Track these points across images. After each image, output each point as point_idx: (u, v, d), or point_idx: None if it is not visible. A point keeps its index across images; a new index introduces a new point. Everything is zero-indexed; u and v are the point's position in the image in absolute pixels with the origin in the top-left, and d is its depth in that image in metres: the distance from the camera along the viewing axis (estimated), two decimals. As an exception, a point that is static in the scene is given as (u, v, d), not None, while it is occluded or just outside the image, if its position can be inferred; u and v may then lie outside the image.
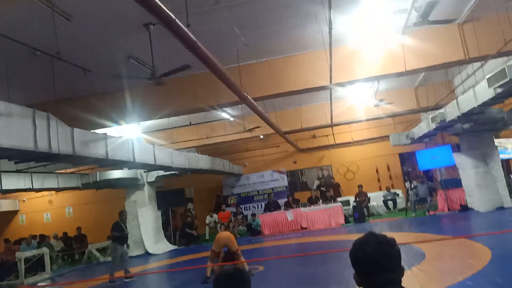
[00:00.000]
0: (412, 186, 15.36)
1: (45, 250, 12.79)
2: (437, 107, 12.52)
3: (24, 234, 17.03)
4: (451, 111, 10.87)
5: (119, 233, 9.81)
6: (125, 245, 9.95)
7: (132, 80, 8.55)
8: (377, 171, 19.59)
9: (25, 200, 20.71)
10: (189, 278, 8.82)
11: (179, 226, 16.84)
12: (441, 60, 9.30)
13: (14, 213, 20.86)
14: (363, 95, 13.70)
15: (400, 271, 1.61)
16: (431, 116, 12.23)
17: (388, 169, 19.58)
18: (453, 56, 9.20)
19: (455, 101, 10.53)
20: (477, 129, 12.34)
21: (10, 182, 12.35)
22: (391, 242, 1.62)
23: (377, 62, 9.42)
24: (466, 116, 10.53)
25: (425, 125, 13.46)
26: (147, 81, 7.56)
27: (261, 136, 16.53)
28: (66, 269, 13.92)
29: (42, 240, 15.57)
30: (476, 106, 9.37)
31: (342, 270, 6.86)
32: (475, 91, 9.24)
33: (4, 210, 19.88)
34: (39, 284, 11.39)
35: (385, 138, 17.46)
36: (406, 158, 19.36)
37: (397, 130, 17.25)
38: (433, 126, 12.36)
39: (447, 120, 11.22)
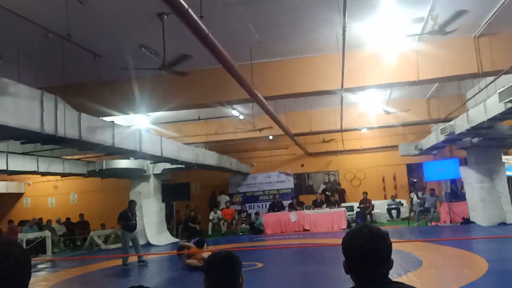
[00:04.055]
0: (419, 197, 15.30)
1: (47, 233, 12.97)
2: (447, 119, 12.40)
3: (28, 216, 17.24)
4: (460, 124, 10.79)
5: (124, 222, 10.03)
6: (134, 232, 10.14)
7: (141, 70, 8.55)
8: (383, 180, 19.47)
9: (30, 183, 20.96)
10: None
11: (182, 220, 16.97)
12: (454, 72, 9.22)
13: (19, 195, 21.13)
14: (375, 102, 13.65)
15: (389, 265, 1.61)
16: (440, 128, 12.15)
17: (394, 179, 19.45)
18: (467, 68, 9.11)
19: (465, 114, 10.45)
20: (485, 144, 12.25)
21: (16, 163, 12.54)
22: (384, 236, 1.61)
23: (391, 69, 9.36)
24: (475, 130, 10.45)
25: (434, 137, 13.36)
26: (156, 71, 7.59)
27: (270, 137, 16.50)
28: (67, 253, 14.08)
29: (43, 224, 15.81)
30: (485, 120, 9.28)
31: (339, 272, 6.83)
32: (486, 105, 9.16)
33: (10, 192, 20.16)
34: (39, 265, 11.53)
35: (394, 147, 17.33)
36: (413, 169, 19.22)
37: (407, 141, 17.10)
38: (442, 138, 12.26)
39: (456, 133, 11.14)
